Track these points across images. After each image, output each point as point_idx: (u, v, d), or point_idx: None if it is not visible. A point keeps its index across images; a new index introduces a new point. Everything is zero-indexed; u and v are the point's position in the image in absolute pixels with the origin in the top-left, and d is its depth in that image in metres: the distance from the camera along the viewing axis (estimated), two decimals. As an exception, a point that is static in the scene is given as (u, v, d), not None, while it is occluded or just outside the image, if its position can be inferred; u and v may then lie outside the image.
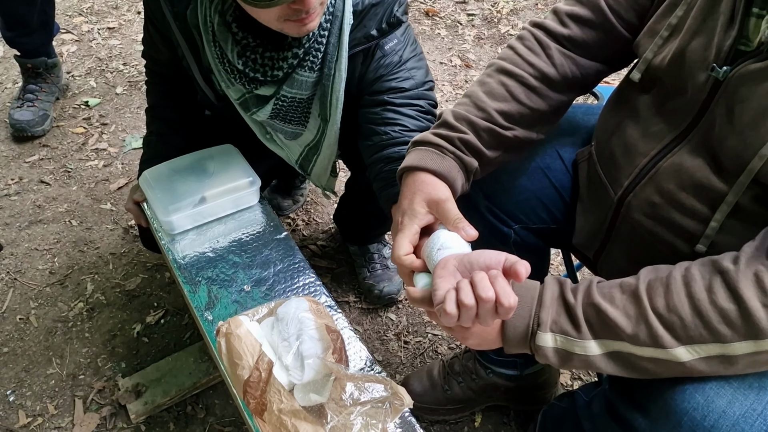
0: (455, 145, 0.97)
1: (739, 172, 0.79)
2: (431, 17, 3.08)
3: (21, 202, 2.03)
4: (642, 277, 0.80)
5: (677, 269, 0.78)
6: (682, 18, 0.88)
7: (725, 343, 0.73)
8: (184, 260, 1.24)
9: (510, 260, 0.78)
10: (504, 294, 0.74)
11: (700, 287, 0.75)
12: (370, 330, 1.70)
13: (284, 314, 1.02)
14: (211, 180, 1.31)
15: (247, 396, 0.94)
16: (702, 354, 0.75)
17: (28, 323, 1.67)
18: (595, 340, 0.80)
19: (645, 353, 0.77)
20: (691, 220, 0.86)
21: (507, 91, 1.00)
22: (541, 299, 0.83)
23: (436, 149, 0.96)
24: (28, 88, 2.31)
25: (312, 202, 2.08)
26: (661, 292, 0.77)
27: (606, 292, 0.80)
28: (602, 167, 1.01)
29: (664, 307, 0.76)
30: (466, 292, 0.75)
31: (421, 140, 0.99)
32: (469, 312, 0.75)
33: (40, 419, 1.46)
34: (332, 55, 1.16)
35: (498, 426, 1.48)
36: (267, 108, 1.22)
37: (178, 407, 1.48)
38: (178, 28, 1.20)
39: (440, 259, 0.84)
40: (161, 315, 1.69)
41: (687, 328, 0.74)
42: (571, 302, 0.81)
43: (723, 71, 0.80)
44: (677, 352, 0.75)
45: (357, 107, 1.24)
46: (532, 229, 1.14)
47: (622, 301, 0.78)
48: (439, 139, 0.97)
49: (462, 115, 0.99)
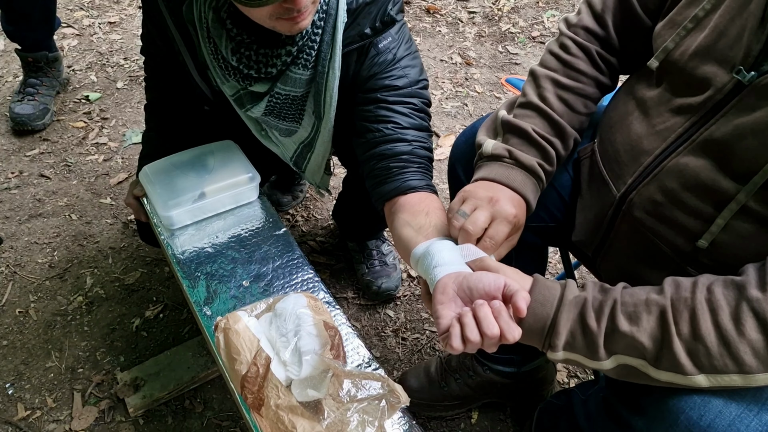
0: (541, 178, 1.00)
1: (753, 172, 0.78)
2: (432, 14, 3.08)
3: (21, 195, 2.03)
4: (667, 292, 0.79)
5: (700, 289, 0.77)
6: (709, 12, 0.86)
7: (749, 374, 0.73)
8: (183, 255, 1.24)
9: (510, 289, 0.79)
10: (508, 330, 0.77)
11: (726, 316, 0.74)
12: (368, 326, 1.70)
13: (282, 310, 1.02)
14: (210, 176, 1.31)
15: (245, 391, 0.95)
16: (722, 383, 0.75)
17: (27, 316, 1.67)
18: (611, 357, 0.80)
19: (662, 377, 0.77)
20: (695, 219, 0.86)
21: (566, 105, 1.03)
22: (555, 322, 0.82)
23: (534, 179, 0.99)
24: (29, 82, 2.31)
25: (311, 198, 2.08)
26: (687, 317, 0.76)
27: (632, 312, 0.79)
28: (605, 164, 1.01)
29: (689, 334, 0.75)
30: (471, 328, 0.78)
31: (526, 165, 0.98)
32: (474, 346, 0.78)
33: (39, 412, 1.46)
34: (326, 53, 1.16)
35: (495, 423, 1.48)
36: (261, 105, 1.22)
37: (176, 401, 1.49)
38: (174, 24, 1.20)
39: (438, 278, 0.84)
40: (160, 309, 1.70)
41: (712, 357, 0.74)
42: (593, 328, 0.80)
43: (750, 76, 0.78)
44: (697, 379, 0.75)
45: (351, 105, 1.24)
46: (530, 227, 1.14)
47: (650, 323, 0.78)
48: (541, 170, 0.99)
49: (545, 136, 1.01)
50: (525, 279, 0.87)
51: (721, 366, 0.74)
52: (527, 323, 0.83)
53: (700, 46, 0.86)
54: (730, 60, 0.82)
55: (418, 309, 1.74)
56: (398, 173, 1.13)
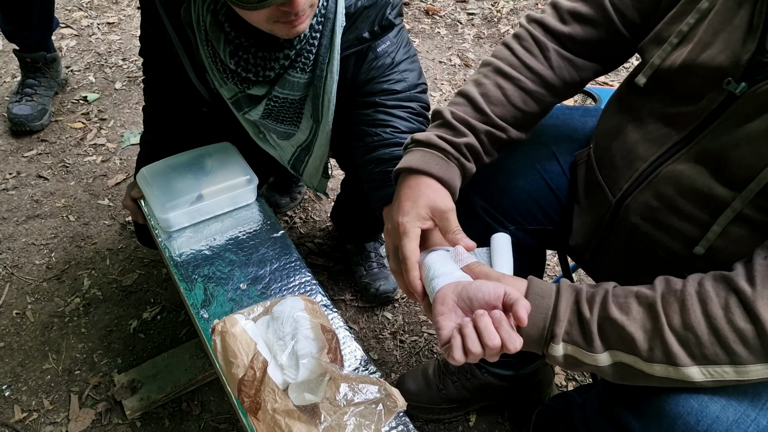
0: (461, 151, 0.96)
1: (749, 180, 0.78)
2: (431, 16, 3.08)
3: (18, 196, 2.03)
4: (658, 288, 0.79)
5: (690, 283, 0.78)
6: (693, 26, 0.86)
7: (740, 365, 0.73)
8: (180, 258, 1.24)
9: (510, 298, 0.79)
10: (510, 340, 0.77)
11: (716, 306, 0.74)
12: (366, 329, 1.70)
13: (280, 313, 1.02)
14: (208, 178, 1.31)
15: (242, 395, 0.94)
16: (716, 377, 0.75)
17: (24, 318, 1.67)
18: (606, 352, 0.80)
19: (656, 371, 0.77)
20: (690, 225, 0.86)
21: (503, 94, 0.99)
22: (555, 311, 0.83)
23: (441, 153, 0.95)
24: (27, 83, 2.30)
25: (309, 200, 2.08)
26: (677, 308, 0.76)
27: (622, 302, 0.80)
28: (600, 170, 1.01)
29: (680, 324, 0.75)
30: (472, 339, 0.78)
31: (425, 141, 0.97)
32: (475, 357, 0.78)
33: (36, 414, 1.46)
34: (324, 57, 1.16)
35: (493, 426, 1.48)
36: (259, 108, 1.22)
37: (173, 403, 1.48)
38: (172, 26, 1.20)
39: (437, 289, 0.84)
40: (158, 311, 1.69)
41: (703, 346, 0.74)
42: (586, 316, 0.81)
43: (741, 87, 0.79)
44: (690, 371, 0.75)
45: (350, 109, 1.24)
46: (528, 230, 1.14)
47: (639, 313, 0.78)
48: (445, 143, 0.96)
49: (461, 117, 0.98)
50: (520, 282, 0.87)
51: (712, 355, 0.74)
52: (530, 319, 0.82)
53: (687, 60, 0.86)
54: (719, 71, 0.82)
55: (416, 311, 1.74)
56: None
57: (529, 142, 1.11)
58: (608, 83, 2.61)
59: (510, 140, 1.02)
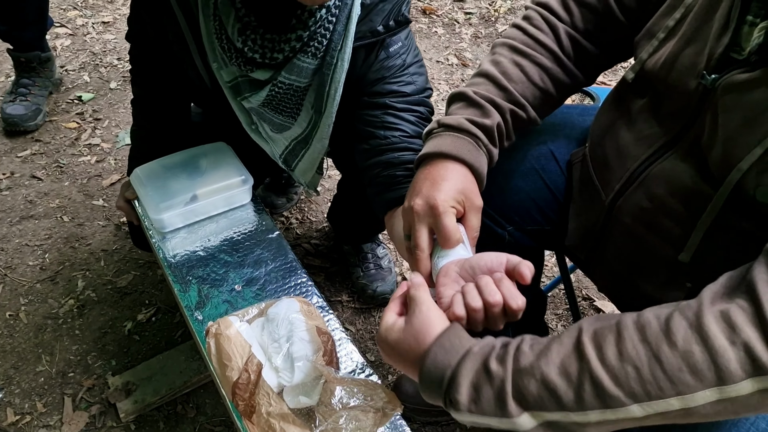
0: (491, 136, 0.93)
1: (722, 182, 0.76)
2: (428, 15, 3.07)
3: (12, 197, 2.01)
4: (585, 326, 0.69)
5: (628, 316, 0.68)
6: (679, 21, 0.86)
7: (686, 395, 0.61)
8: (174, 259, 1.22)
9: (512, 261, 0.77)
10: (511, 296, 0.73)
11: (655, 328, 0.64)
12: (363, 330, 1.69)
13: (275, 315, 1.01)
14: (203, 178, 1.30)
15: (236, 398, 0.93)
16: (659, 410, 0.63)
17: (17, 320, 1.65)
18: (526, 414, 0.67)
19: (590, 418, 0.65)
20: (678, 226, 0.84)
21: (522, 71, 0.97)
22: (455, 373, 0.71)
23: (472, 140, 0.91)
24: (21, 82, 2.28)
25: (306, 201, 2.07)
26: (612, 339, 0.65)
27: (542, 348, 0.69)
28: (595, 169, 1.00)
29: (615, 356, 0.64)
30: (472, 295, 0.75)
31: (455, 126, 0.92)
32: (477, 315, 0.75)
33: (29, 417, 1.44)
34: (337, 44, 1.13)
35: (490, 428, 1.47)
36: (262, 93, 1.19)
37: (168, 406, 1.47)
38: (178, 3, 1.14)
39: (441, 266, 0.83)
40: (152, 313, 1.68)
41: (643, 380, 0.63)
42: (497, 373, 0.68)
43: (711, 79, 0.77)
44: (631, 410, 0.64)
45: (352, 107, 1.22)
46: (526, 230, 1.14)
47: (560, 355, 0.67)
48: (476, 128, 0.92)
49: (486, 95, 0.95)
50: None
51: (655, 390, 0.62)
52: (426, 370, 0.72)
53: (670, 55, 0.85)
54: (696, 66, 0.81)
55: (413, 312, 1.73)
56: (405, 182, 1.11)
57: (528, 142, 1.10)
58: (606, 83, 2.61)
59: (528, 121, 0.99)
